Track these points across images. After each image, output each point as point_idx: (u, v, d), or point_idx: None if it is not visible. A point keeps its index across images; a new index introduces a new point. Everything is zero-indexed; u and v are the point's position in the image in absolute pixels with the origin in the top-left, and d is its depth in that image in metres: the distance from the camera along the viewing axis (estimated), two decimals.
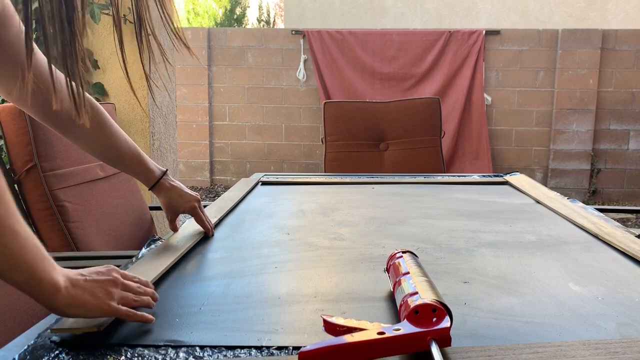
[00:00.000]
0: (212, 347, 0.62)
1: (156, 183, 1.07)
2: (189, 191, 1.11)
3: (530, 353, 0.58)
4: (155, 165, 1.08)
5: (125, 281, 0.68)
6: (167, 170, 1.10)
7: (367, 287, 0.82)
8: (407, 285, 0.67)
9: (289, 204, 1.44)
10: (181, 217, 1.14)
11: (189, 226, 1.15)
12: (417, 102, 2.59)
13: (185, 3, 9.98)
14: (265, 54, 5.34)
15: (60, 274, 0.60)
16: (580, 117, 5.07)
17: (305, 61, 5.26)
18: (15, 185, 1.31)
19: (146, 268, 0.88)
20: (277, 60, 5.33)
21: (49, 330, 0.65)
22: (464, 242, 1.06)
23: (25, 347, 0.62)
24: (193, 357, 0.60)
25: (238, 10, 9.92)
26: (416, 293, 0.63)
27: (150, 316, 0.67)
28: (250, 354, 0.61)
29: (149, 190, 1.10)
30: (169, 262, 0.91)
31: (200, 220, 1.11)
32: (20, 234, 0.56)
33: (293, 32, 5.28)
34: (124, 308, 0.65)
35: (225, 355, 0.61)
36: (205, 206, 1.37)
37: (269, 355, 0.61)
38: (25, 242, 0.56)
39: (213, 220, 1.19)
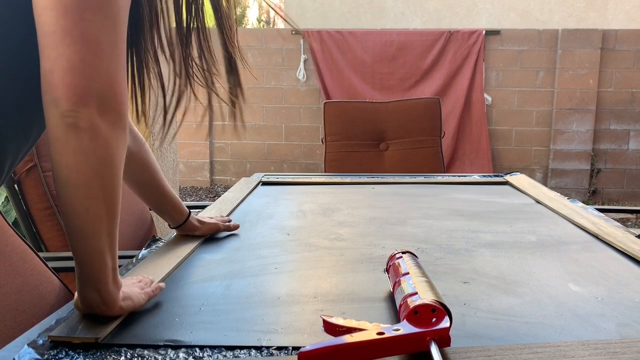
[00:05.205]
0: (212, 347, 0.62)
1: (183, 223, 1.07)
2: (207, 221, 1.11)
3: (530, 353, 0.58)
4: (183, 206, 1.07)
5: (139, 283, 0.78)
6: (190, 212, 1.09)
7: (367, 287, 0.82)
8: (407, 286, 0.67)
9: (289, 205, 1.44)
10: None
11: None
12: (417, 102, 2.59)
13: None
14: (265, 54, 5.33)
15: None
16: (580, 117, 5.07)
17: (305, 61, 5.26)
18: (16, 185, 1.31)
19: (148, 272, 0.89)
20: (277, 60, 5.33)
21: (46, 337, 0.65)
22: (464, 243, 1.06)
23: (25, 347, 0.62)
24: (193, 357, 0.60)
25: (238, 10, 9.93)
26: (416, 293, 0.63)
27: (162, 283, 0.80)
28: (249, 354, 0.61)
29: (171, 228, 1.08)
30: (170, 267, 0.91)
31: (220, 229, 1.13)
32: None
33: (293, 32, 5.28)
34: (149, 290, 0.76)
35: (224, 356, 0.61)
36: (205, 206, 1.37)
37: (269, 356, 0.61)
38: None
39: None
